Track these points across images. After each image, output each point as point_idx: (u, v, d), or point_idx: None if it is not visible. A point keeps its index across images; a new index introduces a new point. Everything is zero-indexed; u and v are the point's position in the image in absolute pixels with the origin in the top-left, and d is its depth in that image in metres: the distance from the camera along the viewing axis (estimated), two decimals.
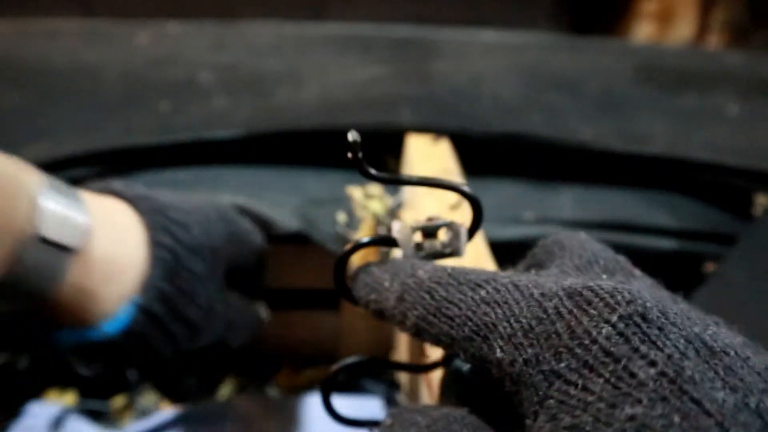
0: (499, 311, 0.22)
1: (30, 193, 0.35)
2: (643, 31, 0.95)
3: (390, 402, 0.53)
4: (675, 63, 0.78)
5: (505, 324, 0.22)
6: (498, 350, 0.22)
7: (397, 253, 0.29)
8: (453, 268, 0.26)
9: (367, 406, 0.53)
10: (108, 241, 0.39)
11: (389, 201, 0.53)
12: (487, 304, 0.23)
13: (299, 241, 0.52)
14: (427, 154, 0.55)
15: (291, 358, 0.62)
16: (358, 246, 0.28)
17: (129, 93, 0.63)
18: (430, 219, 0.29)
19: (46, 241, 0.35)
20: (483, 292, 0.23)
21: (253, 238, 0.50)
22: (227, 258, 0.46)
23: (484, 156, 0.61)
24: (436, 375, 0.37)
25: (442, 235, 0.29)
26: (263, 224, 0.52)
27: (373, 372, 0.57)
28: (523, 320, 0.21)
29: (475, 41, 0.76)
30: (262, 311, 0.54)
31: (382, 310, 0.27)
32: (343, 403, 0.45)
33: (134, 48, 0.66)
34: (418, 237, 0.29)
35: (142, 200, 0.42)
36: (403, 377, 0.49)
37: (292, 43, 0.69)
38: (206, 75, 0.65)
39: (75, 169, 0.59)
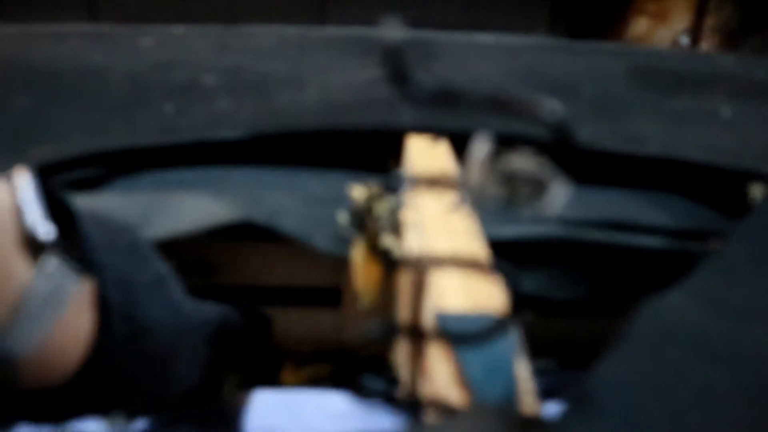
0: None
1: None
2: (638, 29, 0.96)
3: (389, 400, 0.54)
4: (669, 66, 0.79)
5: None
6: None
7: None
8: None
9: (365, 404, 0.53)
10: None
11: (392, 200, 0.54)
12: None
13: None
14: (427, 155, 0.56)
15: (292, 355, 0.63)
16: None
17: (134, 95, 0.64)
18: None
19: None
20: None
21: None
22: None
23: None
24: (437, 374, 0.37)
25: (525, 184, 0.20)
26: None
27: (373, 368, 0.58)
28: None
29: (472, 43, 0.77)
30: None
31: None
32: (340, 401, 0.46)
33: (139, 51, 0.67)
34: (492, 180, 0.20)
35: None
36: (403, 375, 0.50)
37: (294, 46, 0.70)
38: (210, 77, 0.66)
39: (80, 169, 0.59)
